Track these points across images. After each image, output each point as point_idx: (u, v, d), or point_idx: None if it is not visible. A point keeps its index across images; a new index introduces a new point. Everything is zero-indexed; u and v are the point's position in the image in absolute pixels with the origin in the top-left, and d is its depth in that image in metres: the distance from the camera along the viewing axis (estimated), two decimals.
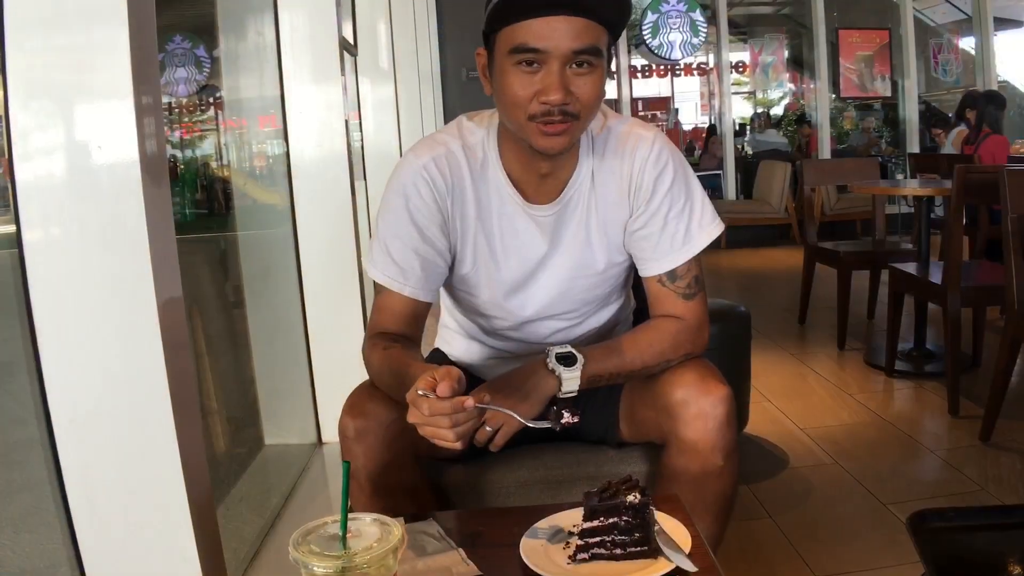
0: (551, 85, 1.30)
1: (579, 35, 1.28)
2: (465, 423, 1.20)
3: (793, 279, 5.64)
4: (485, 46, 1.39)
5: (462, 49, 7.81)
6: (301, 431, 2.73)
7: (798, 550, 2.32)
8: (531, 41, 1.28)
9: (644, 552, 1.19)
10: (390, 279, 1.48)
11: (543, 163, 1.44)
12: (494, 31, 1.33)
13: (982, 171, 3.51)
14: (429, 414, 1.18)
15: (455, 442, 1.20)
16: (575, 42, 1.28)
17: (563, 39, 1.28)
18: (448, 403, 1.17)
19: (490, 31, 1.34)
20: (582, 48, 1.29)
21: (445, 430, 1.18)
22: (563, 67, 1.30)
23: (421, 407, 1.18)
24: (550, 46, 1.28)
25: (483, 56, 1.40)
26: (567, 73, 1.31)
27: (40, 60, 1.14)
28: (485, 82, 1.41)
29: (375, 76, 4.56)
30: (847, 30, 9.36)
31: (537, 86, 1.31)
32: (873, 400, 3.62)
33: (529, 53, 1.29)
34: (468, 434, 1.22)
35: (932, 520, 1.35)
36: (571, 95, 1.31)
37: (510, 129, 1.41)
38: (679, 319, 1.53)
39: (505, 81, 1.33)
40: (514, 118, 1.36)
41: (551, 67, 1.30)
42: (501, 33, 1.32)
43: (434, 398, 1.17)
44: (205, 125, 6.56)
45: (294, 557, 0.95)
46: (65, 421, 1.19)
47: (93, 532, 1.22)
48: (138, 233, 1.14)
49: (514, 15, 1.29)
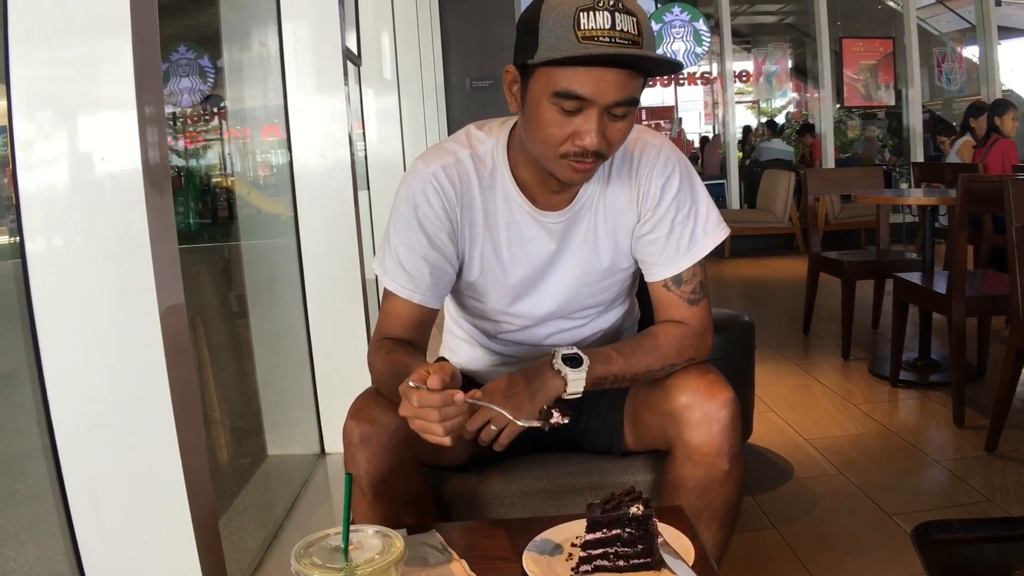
0: (590, 131, 1.31)
1: (624, 87, 1.29)
2: (454, 418, 1.20)
3: (797, 289, 5.63)
4: (518, 67, 1.37)
5: (466, 59, 7.83)
6: (304, 442, 2.73)
7: (803, 561, 2.31)
8: (577, 89, 1.28)
9: (647, 564, 1.18)
10: (400, 286, 1.49)
11: (559, 185, 1.46)
12: (538, 64, 1.31)
13: (986, 180, 3.51)
14: (418, 405, 1.18)
15: (443, 436, 1.20)
16: (619, 94, 1.29)
17: (609, 90, 1.29)
18: (438, 396, 1.17)
19: (534, 63, 1.31)
20: (624, 99, 1.31)
21: (434, 424, 1.19)
22: (603, 114, 1.31)
23: (411, 398, 1.19)
24: (595, 95, 1.29)
25: (512, 74, 1.39)
26: (605, 119, 1.32)
27: (44, 71, 1.15)
28: (511, 99, 1.41)
29: (379, 86, 4.58)
30: (851, 39, 9.37)
31: (574, 128, 1.32)
32: (878, 410, 3.61)
33: (574, 100, 1.30)
34: (457, 430, 1.22)
35: (937, 532, 1.34)
36: (605, 140, 1.33)
37: (532, 153, 1.42)
38: (684, 324, 1.53)
39: (541, 117, 1.33)
40: (544, 152, 1.37)
41: (591, 114, 1.30)
42: (546, 69, 1.30)
43: (424, 390, 1.17)
44: (209, 135, 6.58)
45: (296, 570, 0.95)
46: (67, 431, 1.19)
47: (95, 543, 1.22)
48: (141, 243, 1.14)
49: (570, 59, 1.27)
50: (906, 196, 4.44)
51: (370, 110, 4.50)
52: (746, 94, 12.44)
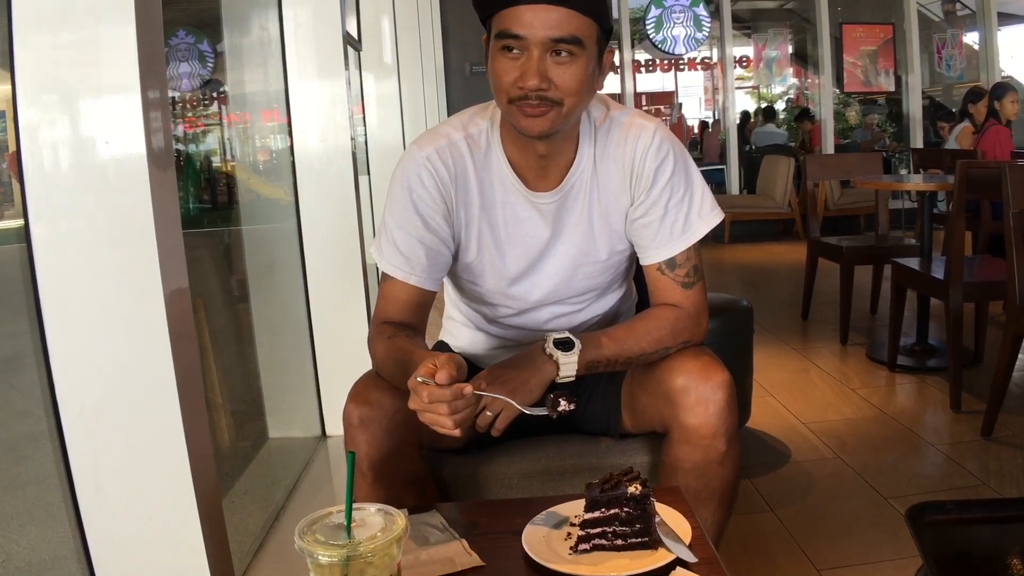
0: (528, 71, 1.33)
1: (559, 24, 1.32)
2: (464, 410, 1.22)
3: (796, 274, 5.64)
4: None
5: (465, 44, 7.81)
6: (305, 424, 2.75)
7: (799, 543, 2.33)
8: (512, 27, 1.32)
9: (645, 543, 1.20)
10: (396, 268, 1.50)
11: (538, 144, 1.46)
12: (488, 16, 1.38)
13: (984, 166, 3.51)
14: (428, 401, 1.20)
15: (454, 429, 1.22)
16: (554, 31, 1.32)
17: (542, 27, 1.32)
18: (448, 391, 1.19)
19: (484, 16, 1.39)
20: (561, 37, 1.32)
21: (444, 417, 1.21)
22: (542, 54, 1.33)
23: (421, 394, 1.20)
24: (529, 33, 1.32)
25: (485, 43, 1.44)
26: (547, 61, 1.34)
27: (48, 56, 1.15)
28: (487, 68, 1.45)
29: (379, 71, 4.57)
30: (851, 25, 9.35)
31: (517, 71, 1.34)
32: (875, 395, 3.62)
33: (510, 39, 1.33)
34: (467, 421, 1.24)
35: (931, 513, 1.35)
36: (549, 81, 1.34)
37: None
38: (678, 307, 1.54)
39: (492, 66, 1.38)
40: (500, 101, 1.40)
41: (530, 53, 1.33)
42: (493, 18, 1.37)
43: (433, 385, 1.19)
44: (209, 120, 6.57)
45: (299, 546, 0.96)
46: (73, 413, 1.20)
47: (101, 524, 1.23)
48: (145, 226, 1.15)
49: (502, 2, 1.33)
50: (905, 182, 4.44)
51: (370, 95, 4.49)
52: (746, 80, 12.40)
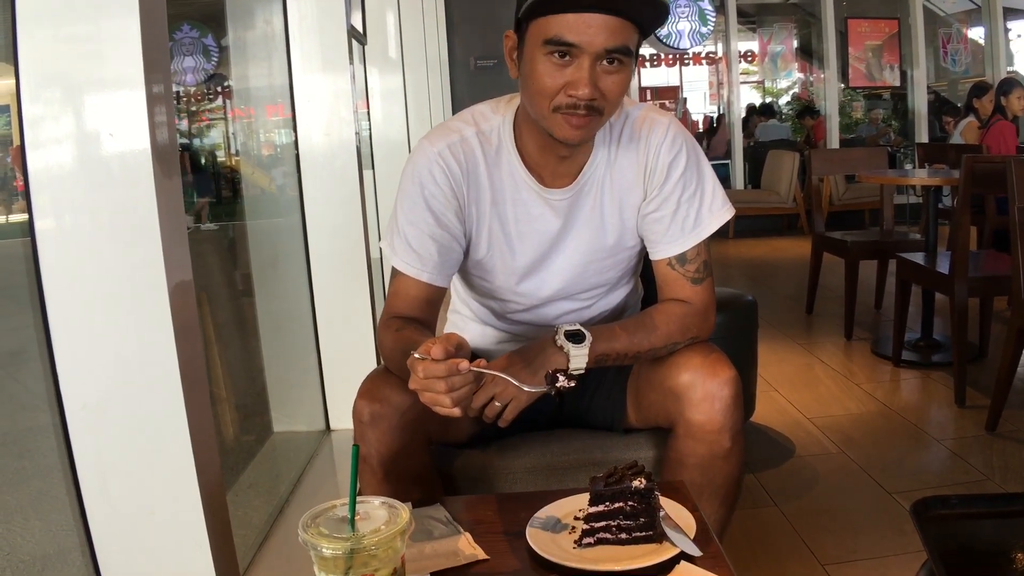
0: (581, 80, 1.32)
1: (613, 34, 1.30)
2: (461, 388, 1.20)
3: (801, 269, 5.63)
4: (516, 31, 1.40)
5: (470, 38, 7.79)
6: (309, 418, 2.75)
7: (804, 538, 2.33)
8: (566, 34, 1.30)
9: (649, 537, 1.20)
10: (408, 265, 1.50)
11: (562, 148, 1.46)
12: (529, 19, 1.35)
13: (989, 161, 3.50)
14: (424, 376, 1.19)
15: (452, 407, 1.20)
16: (609, 40, 1.30)
17: (597, 36, 1.30)
18: (443, 365, 1.18)
19: (525, 18, 1.35)
20: (615, 47, 1.31)
21: (442, 395, 1.19)
22: (594, 63, 1.32)
23: (417, 370, 1.20)
24: (584, 41, 1.30)
25: (511, 39, 1.42)
26: (597, 69, 1.33)
27: (51, 50, 1.15)
28: (511, 65, 1.43)
29: (384, 65, 4.57)
30: (856, 19, 9.32)
31: (566, 78, 1.33)
32: (880, 390, 3.62)
33: (563, 46, 1.31)
34: (465, 400, 1.22)
35: (935, 507, 1.35)
36: (598, 91, 1.33)
37: (531, 115, 1.43)
38: (687, 303, 1.54)
39: (535, 69, 1.35)
40: (539, 106, 1.38)
41: (582, 62, 1.31)
42: (536, 22, 1.33)
43: (429, 360, 1.18)
44: (213, 114, 6.57)
45: (303, 539, 0.97)
46: (77, 407, 1.20)
47: (105, 517, 1.24)
48: (149, 220, 1.15)
49: (552, 7, 1.30)
50: (910, 177, 4.43)
51: (375, 89, 4.49)
52: (751, 74, 12.37)
